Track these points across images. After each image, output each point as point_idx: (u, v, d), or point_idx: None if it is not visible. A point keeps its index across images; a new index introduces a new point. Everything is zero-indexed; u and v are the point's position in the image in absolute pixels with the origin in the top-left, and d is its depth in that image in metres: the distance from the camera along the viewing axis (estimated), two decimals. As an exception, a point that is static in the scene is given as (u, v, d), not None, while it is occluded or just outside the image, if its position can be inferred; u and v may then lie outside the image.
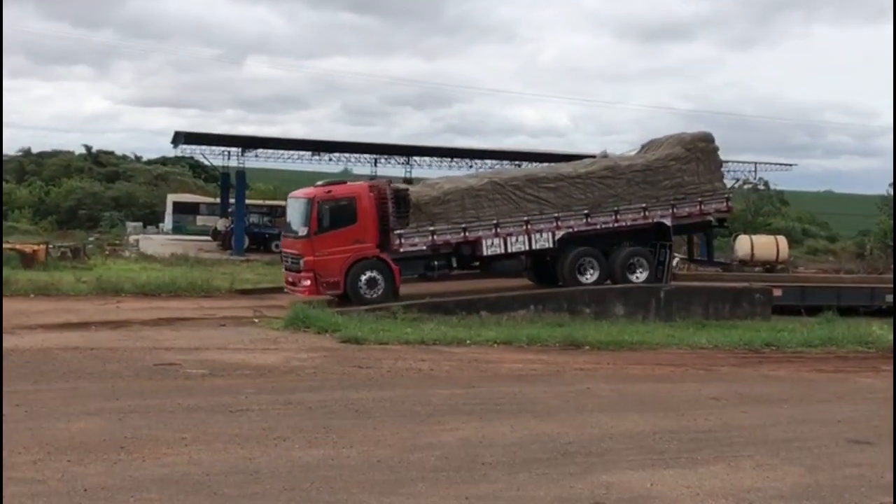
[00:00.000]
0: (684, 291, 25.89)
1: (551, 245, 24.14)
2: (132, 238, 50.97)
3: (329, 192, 23.83)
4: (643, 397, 12.89)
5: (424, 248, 23.39)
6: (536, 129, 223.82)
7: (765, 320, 24.44)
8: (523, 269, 25.49)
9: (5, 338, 16.51)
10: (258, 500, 7.57)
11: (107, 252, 40.26)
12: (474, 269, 25.12)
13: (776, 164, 59.40)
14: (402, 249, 23.15)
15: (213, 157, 50.13)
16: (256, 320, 20.30)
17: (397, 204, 23.41)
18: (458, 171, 56.41)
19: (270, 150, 49.93)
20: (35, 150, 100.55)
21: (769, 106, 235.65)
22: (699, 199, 25.05)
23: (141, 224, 60.67)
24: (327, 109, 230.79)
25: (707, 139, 25.92)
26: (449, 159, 51.81)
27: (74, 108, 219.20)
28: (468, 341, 17.79)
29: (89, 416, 10.53)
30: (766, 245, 47.06)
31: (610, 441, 10.00)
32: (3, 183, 78.13)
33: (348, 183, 26.06)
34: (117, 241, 48.76)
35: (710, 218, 26.04)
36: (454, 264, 24.37)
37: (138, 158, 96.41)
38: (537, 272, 25.66)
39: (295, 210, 24.32)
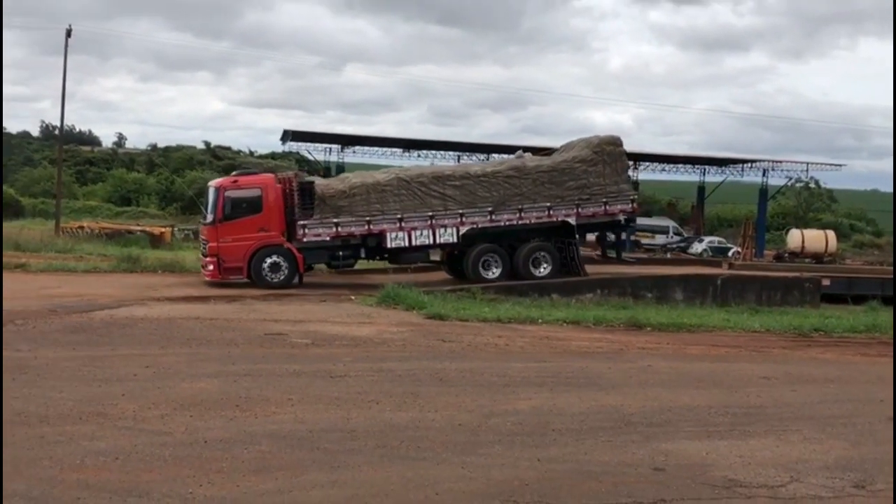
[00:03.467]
0: (739, 280, 25.51)
1: (455, 240, 23.30)
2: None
3: (235, 181, 23.22)
4: (700, 375, 12.69)
5: (328, 238, 22.61)
6: (604, 130, 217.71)
7: (814, 308, 23.90)
8: (428, 261, 24.88)
9: (136, 308, 17.06)
10: (355, 454, 7.66)
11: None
12: (383, 259, 24.34)
13: (826, 164, 57.73)
14: (305, 239, 22.45)
15: (316, 152, 50.76)
16: (353, 297, 20.48)
17: (303, 196, 22.70)
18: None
19: (367, 147, 50.45)
20: (161, 145, 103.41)
21: (818, 111, 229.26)
22: (604, 199, 23.88)
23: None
24: (416, 111, 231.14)
25: (615, 143, 24.71)
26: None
27: (196, 109, 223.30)
28: (540, 320, 17.68)
29: (208, 378, 10.75)
30: (815, 238, 46.11)
31: (669, 413, 9.89)
32: (135, 173, 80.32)
33: (258, 174, 25.15)
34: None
35: (619, 218, 24.68)
36: (363, 255, 23.58)
37: (251, 153, 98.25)
38: (451, 266, 24.92)
39: (208, 198, 23.61)
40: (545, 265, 23.16)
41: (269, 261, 21.92)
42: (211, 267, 22.13)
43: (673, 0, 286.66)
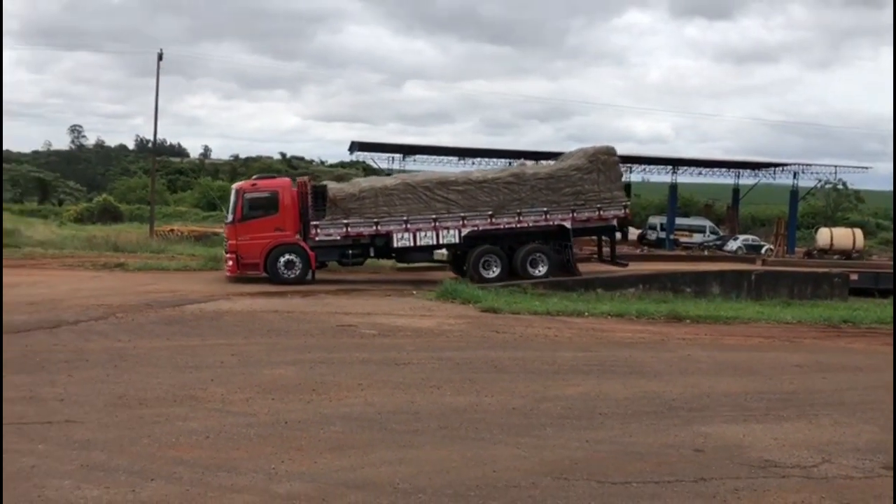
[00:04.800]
0: (772, 275, 25.06)
1: (458, 241, 22.88)
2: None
3: (254, 185, 23.12)
4: (736, 363, 12.49)
5: (338, 238, 22.32)
6: (644, 138, 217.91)
7: (842, 301, 23.36)
8: (432, 260, 24.47)
9: (222, 302, 17.31)
10: (419, 435, 7.70)
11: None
12: (391, 258, 23.96)
13: (853, 166, 56.25)
14: (317, 238, 22.19)
15: (380, 161, 50.85)
16: (415, 292, 20.56)
17: (316, 198, 22.43)
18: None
19: (425, 156, 50.56)
20: (242, 156, 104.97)
21: (845, 118, 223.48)
22: (598, 205, 23.24)
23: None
24: (469, 122, 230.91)
25: (609, 152, 24.02)
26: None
27: (273, 124, 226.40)
28: (586, 313, 17.54)
29: (287, 365, 10.86)
30: (843, 236, 45.11)
31: (707, 399, 9.76)
32: (219, 181, 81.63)
33: (276, 178, 25.09)
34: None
35: (613, 222, 24.07)
36: (372, 253, 23.24)
37: (322, 162, 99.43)
38: (456, 265, 24.44)
39: (230, 199, 23.41)
40: (542, 265, 22.73)
41: (284, 258, 21.84)
42: (230, 262, 22.09)
43: (707, 17, 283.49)
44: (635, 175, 56.93)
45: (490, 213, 22.73)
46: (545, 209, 22.89)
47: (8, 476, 6.16)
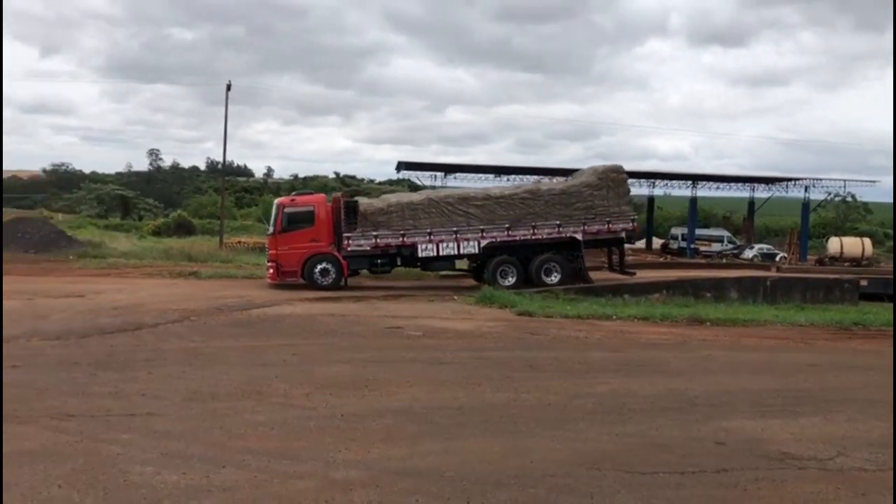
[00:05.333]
0: (786, 281, 24.58)
1: (477, 251, 22.73)
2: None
3: (293, 200, 23.28)
4: (754, 363, 12.27)
5: (368, 248, 22.30)
6: (665, 155, 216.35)
7: (853, 305, 22.83)
8: (454, 269, 24.16)
9: (284, 306, 17.41)
10: (463, 427, 7.68)
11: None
12: (416, 267, 23.63)
13: (861, 180, 54.88)
14: (349, 248, 22.18)
15: (424, 179, 50.93)
16: (456, 297, 20.50)
17: (348, 212, 22.41)
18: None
19: (465, 174, 50.53)
20: (301, 176, 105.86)
21: (852, 135, 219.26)
22: (607, 219, 22.90)
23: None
24: (504, 143, 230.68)
25: (617, 170, 23.68)
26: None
27: (328, 146, 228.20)
28: (614, 316, 17.36)
29: (342, 364, 10.89)
30: (853, 244, 44.07)
31: (727, 396, 9.59)
32: (278, 198, 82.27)
33: (313, 194, 25.04)
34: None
35: (622, 235, 23.55)
36: (399, 262, 23.08)
37: (371, 181, 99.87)
38: (476, 274, 24.08)
39: (271, 213, 23.45)
40: (555, 274, 22.52)
41: (319, 266, 21.90)
42: (271, 270, 22.18)
43: (722, 44, 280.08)
44: (658, 189, 56.38)
45: (507, 226, 22.62)
46: (558, 222, 22.72)
47: (96, 463, 6.27)
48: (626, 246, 26.02)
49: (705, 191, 54.09)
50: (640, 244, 57.03)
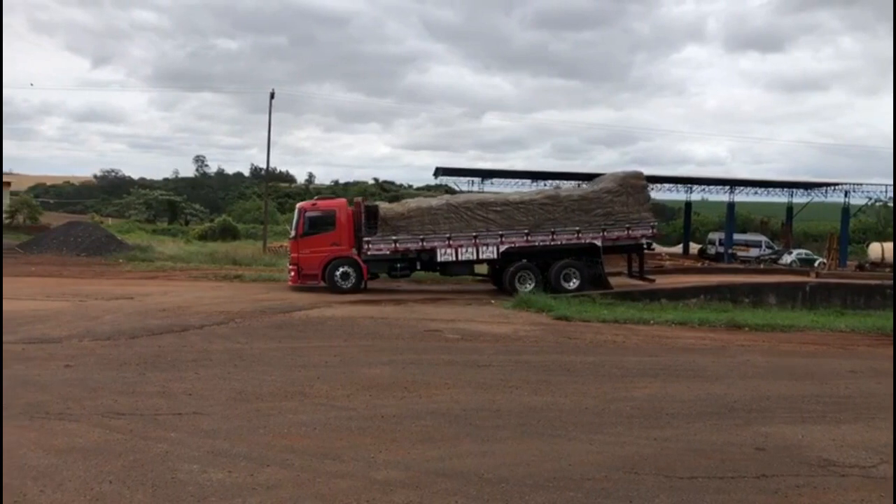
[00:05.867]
0: (826, 286, 24.01)
1: (496, 257, 22.44)
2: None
3: (314, 204, 23.29)
4: (793, 368, 12.01)
5: (388, 252, 22.19)
6: (702, 160, 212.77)
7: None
8: (472, 274, 23.85)
9: (325, 309, 17.52)
10: (500, 430, 7.64)
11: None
12: (435, 272, 23.41)
13: (903, 185, 53.60)
14: (369, 252, 22.11)
15: (461, 184, 51.04)
16: (493, 301, 20.44)
17: (368, 217, 22.35)
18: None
19: (502, 179, 50.49)
20: (342, 181, 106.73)
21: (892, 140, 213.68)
22: (627, 225, 22.51)
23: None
24: (541, 148, 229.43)
25: (638, 177, 23.26)
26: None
27: (367, 152, 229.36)
28: (651, 321, 17.12)
29: (382, 365, 10.91)
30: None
31: (766, 401, 9.40)
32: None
33: (334, 199, 24.89)
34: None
35: (642, 241, 23.12)
36: (418, 267, 22.87)
37: (410, 186, 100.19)
38: (495, 279, 23.76)
39: (293, 217, 23.42)
40: (574, 280, 22.13)
41: (340, 270, 21.93)
42: (292, 273, 22.26)
43: (759, 50, 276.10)
44: (695, 195, 55.74)
45: (526, 231, 22.40)
46: (577, 228, 22.46)
47: (145, 460, 6.37)
48: (662, 250, 25.77)
49: (743, 196, 53.41)
50: (678, 249, 56.42)
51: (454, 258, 22.39)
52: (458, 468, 6.39)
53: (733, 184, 50.85)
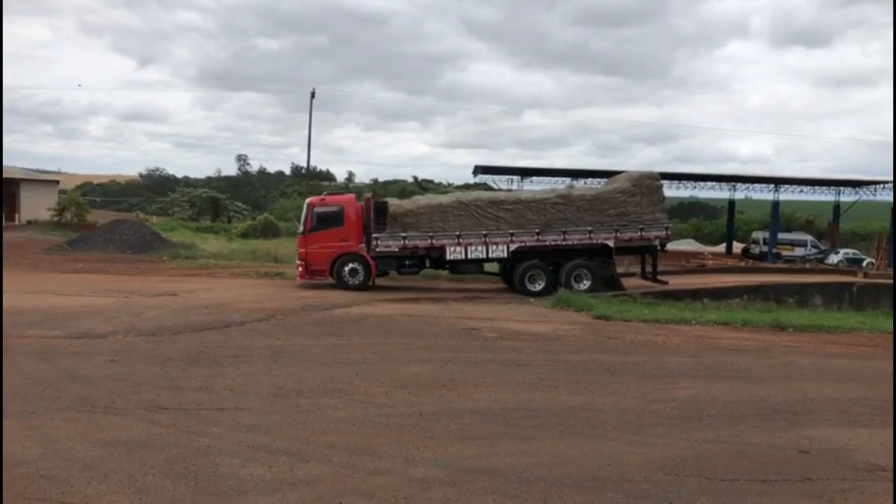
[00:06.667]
0: (874, 287, 23.52)
1: (506, 255, 22.09)
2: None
3: (323, 200, 22.95)
4: (839, 370, 11.76)
5: (397, 249, 21.93)
6: (746, 158, 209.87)
7: (946, 312, 21.55)
8: (482, 272, 23.41)
9: (365, 307, 17.62)
10: (539, 429, 7.61)
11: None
12: (444, 270, 23.13)
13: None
14: (378, 249, 21.88)
15: (500, 182, 50.92)
16: (532, 300, 20.35)
17: (378, 213, 22.14)
18: (683, 192, 54.18)
19: (541, 177, 50.19)
20: (381, 180, 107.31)
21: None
22: (640, 226, 22.03)
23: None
24: (581, 146, 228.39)
25: (652, 177, 22.76)
26: (677, 182, 49.66)
27: (406, 151, 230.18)
28: (693, 321, 16.90)
29: (421, 363, 10.95)
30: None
31: (811, 403, 9.22)
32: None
33: (343, 195, 24.61)
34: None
35: (656, 243, 22.60)
36: (427, 264, 22.61)
37: (449, 184, 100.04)
38: (506, 278, 23.42)
39: (302, 213, 23.28)
40: (586, 281, 21.79)
41: (348, 266, 21.85)
42: (300, 269, 22.20)
43: (805, 45, 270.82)
44: (739, 193, 54.82)
45: (537, 230, 22.15)
46: (590, 228, 22.13)
47: (188, 454, 6.48)
48: (705, 249, 25.41)
49: (788, 194, 52.37)
50: (720, 248, 55.57)
51: (463, 256, 22.21)
52: (496, 466, 6.37)
53: (778, 182, 49.87)
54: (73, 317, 14.55)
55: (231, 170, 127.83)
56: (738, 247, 54.85)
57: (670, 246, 25.86)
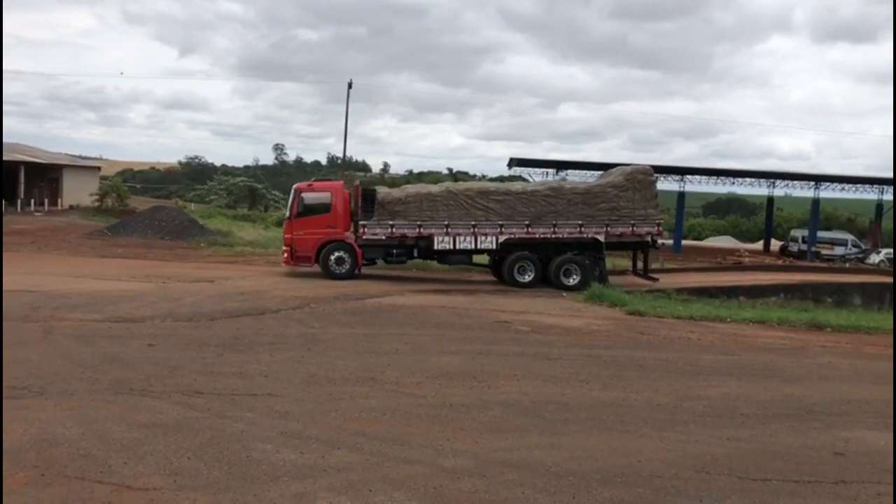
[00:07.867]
0: (916, 288, 22.97)
1: (494, 247, 21.77)
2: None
3: (310, 185, 22.61)
4: (877, 372, 11.52)
5: (384, 237, 21.63)
6: (786, 155, 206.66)
7: None
8: (470, 263, 23.07)
9: (397, 297, 17.69)
10: (569, 423, 7.60)
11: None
12: (432, 259, 22.80)
13: None
14: (364, 237, 21.63)
15: (536, 175, 50.62)
16: (565, 294, 20.25)
17: (365, 201, 21.89)
18: (721, 188, 53.45)
19: (576, 171, 49.87)
20: (416, 171, 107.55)
21: None
22: (632, 221, 21.65)
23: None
24: (618, 140, 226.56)
25: (646, 172, 22.35)
26: (715, 178, 48.99)
27: (442, 142, 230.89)
28: (728, 319, 16.67)
29: (452, 355, 10.98)
30: None
31: (848, 405, 9.07)
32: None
33: (331, 181, 24.20)
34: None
35: (647, 239, 22.16)
36: (415, 254, 22.26)
37: (484, 177, 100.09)
38: (495, 269, 23.03)
39: (289, 198, 22.83)
40: (574, 276, 21.51)
41: (335, 255, 21.61)
42: (286, 255, 22.01)
43: (850, 40, 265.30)
44: (778, 190, 53.91)
45: (527, 222, 21.90)
46: (580, 222, 21.87)
47: (222, 438, 6.59)
48: (742, 247, 25.06)
49: (829, 192, 51.34)
50: (758, 245, 54.74)
51: (451, 246, 22.00)
52: (525, 459, 6.38)
53: (818, 179, 48.92)
54: (112, 301, 14.85)
55: (268, 159, 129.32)
56: (776, 245, 53.99)
57: (707, 242, 25.61)
